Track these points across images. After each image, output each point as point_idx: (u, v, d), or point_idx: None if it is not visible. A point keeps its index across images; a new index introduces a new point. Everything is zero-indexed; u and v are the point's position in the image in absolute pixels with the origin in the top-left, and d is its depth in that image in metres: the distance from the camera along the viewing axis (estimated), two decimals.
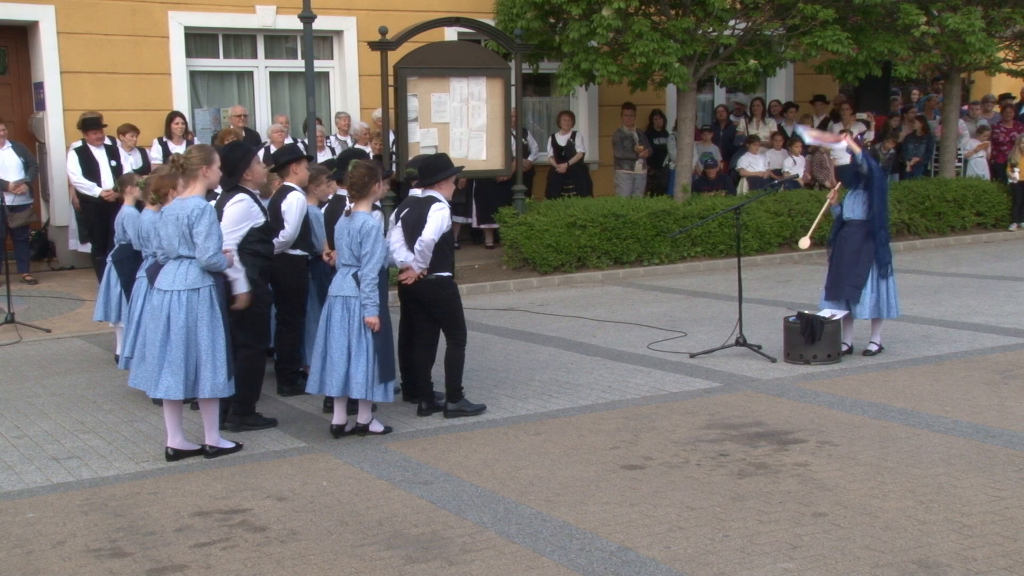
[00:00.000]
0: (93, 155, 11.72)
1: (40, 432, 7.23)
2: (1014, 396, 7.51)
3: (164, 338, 6.34)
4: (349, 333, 6.75)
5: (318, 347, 6.87)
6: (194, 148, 6.66)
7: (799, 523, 5.27)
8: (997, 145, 17.66)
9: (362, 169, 6.93)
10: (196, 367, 6.34)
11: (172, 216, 6.42)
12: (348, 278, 6.81)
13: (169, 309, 6.34)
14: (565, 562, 4.88)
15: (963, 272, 13.29)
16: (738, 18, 14.27)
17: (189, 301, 6.33)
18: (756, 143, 15.95)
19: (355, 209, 6.84)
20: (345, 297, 6.78)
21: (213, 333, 6.37)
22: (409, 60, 12.33)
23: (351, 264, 6.81)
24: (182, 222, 6.35)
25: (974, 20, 14.42)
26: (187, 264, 6.39)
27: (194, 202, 6.39)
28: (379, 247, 6.73)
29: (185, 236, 6.36)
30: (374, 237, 6.70)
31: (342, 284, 6.83)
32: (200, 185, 6.47)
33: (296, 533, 5.32)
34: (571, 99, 16.46)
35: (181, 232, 6.36)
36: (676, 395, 7.83)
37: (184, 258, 6.40)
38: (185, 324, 6.31)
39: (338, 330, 6.76)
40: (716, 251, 14.29)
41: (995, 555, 4.82)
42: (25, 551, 5.17)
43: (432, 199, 7.22)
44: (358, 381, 6.71)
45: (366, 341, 6.73)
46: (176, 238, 6.38)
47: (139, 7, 13.57)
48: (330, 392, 6.80)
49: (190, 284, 6.35)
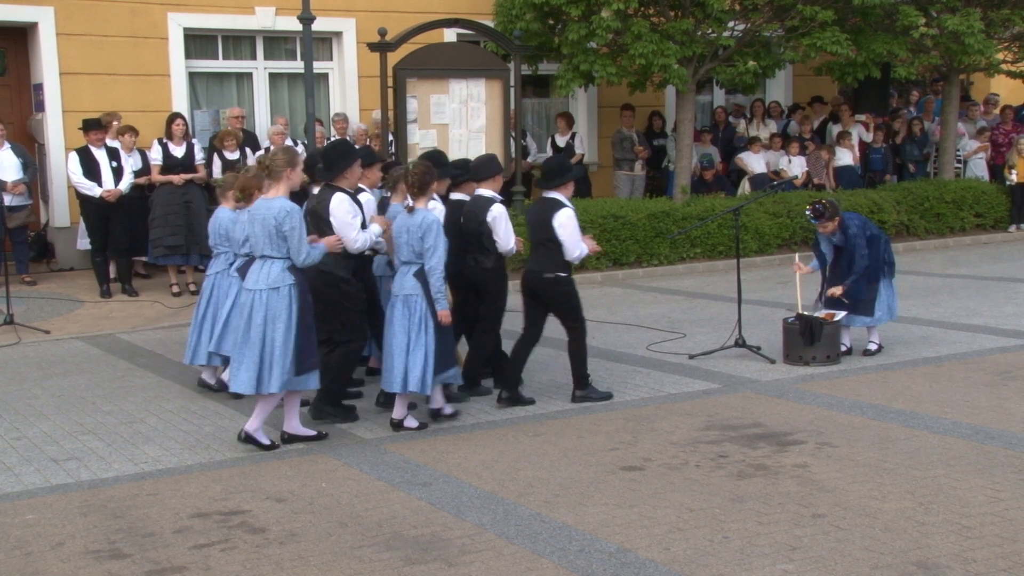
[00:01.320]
0: (94, 156, 11.72)
1: (39, 433, 7.22)
2: (1013, 397, 7.51)
3: (245, 335, 6.55)
4: (409, 330, 6.93)
5: (385, 343, 7.07)
6: (279, 150, 6.88)
7: (798, 524, 5.27)
8: (996, 147, 17.67)
9: (420, 167, 7.11)
10: (270, 363, 6.51)
11: (259, 217, 6.58)
12: (408, 276, 6.97)
13: (251, 307, 6.55)
14: (564, 563, 4.88)
15: (962, 273, 13.30)
16: (737, 19, 14.28)
17: (268, 300, 6.52)
18: (757, 144, 15.95)
19: (415, 205, 6.99)
20: (407, 295, 6.95)
21: (288, 331, 6.52)
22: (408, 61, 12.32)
23: (411, 261, 6.97)
24: (268, 223, 6.51)
25: (973, 22, 14.43)
26: (270, 263, 6.57)
27: (279, 203, 6.55)
28: (441, 241, 6.91)
29: (271, 236, 6.53)
30: (436, 231, 6.88)
31: (403, 283, 7.00)
32: (284, 186, 6.65)
33: (295, 534, 5.32)
34: (570, 100, 16.46)
35: (267, 232, 6.52)
36: (675, 396, 7.83)
37: (268, 258, 6.58)
38: (263, 321, 6.50)
39: (398, 327, 6.94)
40: (715, 252, 14.29)
41: (994, 556, 4.82)
42: (24, 552, 5.17)
43: (557, 203, 7.49)
44: (415, 375, 6.89)
45: (425, 336, 6.91)
46: (263, 238, 6.55)
47: (138, 8, 13.57)
48: (389, 388, 6.99)
49: (271, 283, 6.54)
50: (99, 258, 12.03)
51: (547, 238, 7.49)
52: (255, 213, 6.62)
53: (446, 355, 7.02)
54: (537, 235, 7.59)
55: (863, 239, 8.62)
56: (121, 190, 11.73)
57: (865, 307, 8.73)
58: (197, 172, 12.38)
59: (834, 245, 8.85)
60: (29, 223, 12.72)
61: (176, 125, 12.45)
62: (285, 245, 6.51)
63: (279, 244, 6.51)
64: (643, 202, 14.35)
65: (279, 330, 6.50)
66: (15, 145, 12.37)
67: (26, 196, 12.29)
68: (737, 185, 16.08)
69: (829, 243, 8.87)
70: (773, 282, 12.89)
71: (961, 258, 14.75)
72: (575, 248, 7.49)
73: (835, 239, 8.78)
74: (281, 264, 6.55)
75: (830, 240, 8.84)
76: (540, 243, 7.57)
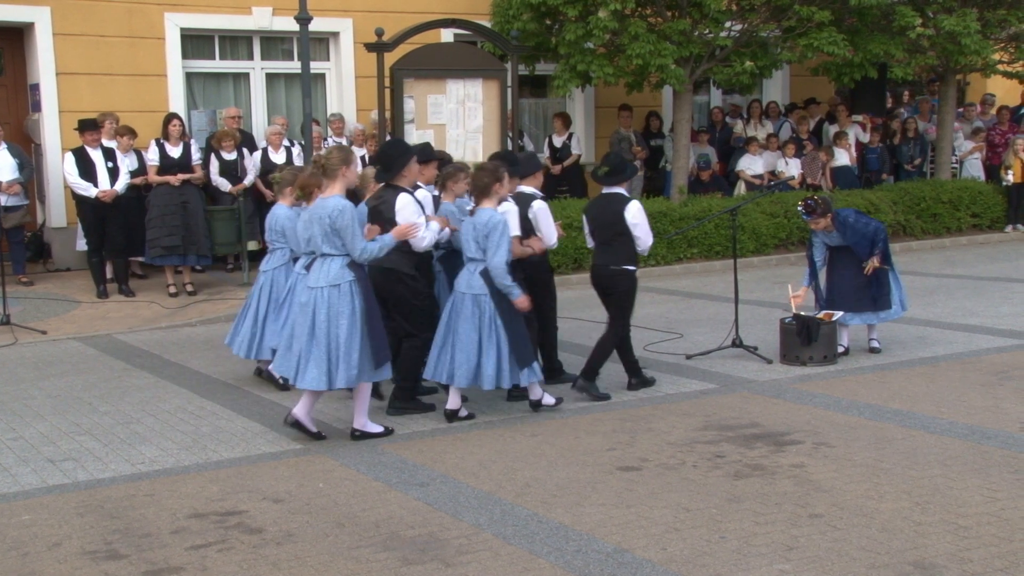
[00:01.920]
0: (90, 156, 11.71)
1: (36, 434, 7.22)
2: (1009, 397, 7.52)
3: (310, 332, 6.64)
4: (480, 328, 7.07)
5: (439, 336, 7.21)
6: (334, 148, 6.98)
7: (795, 524, 5.27)
8: (992, 147, 17.69)
9: (483, 173, 7.24)
10: (336, 360, 6.61)
11: (316, 216, 6.70)
12: (476, 275, 7.11)
13: (315, 305, 6.65)
14: (561, 564, 4.88)
15: (959, 273, 13.31)
16: (734, 20, 14.29)
17: (330, 297, 6.62)
18: (755, 144, 15.96)
19: (479, 207, 7.15)
20: (475, 295, 7.09)
21: (352, 326, 6.62)
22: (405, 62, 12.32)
23: (478, 259, 7.11)
24: (324, 221, 6.62)
25: (969, 22, 14.45)
26: (330, 261, 6.68)
27: (334, 202, 6.65)
28: (505, 240, 7.06)
29: (327, 234, 6.63)
30: (500, 230, 7.05)
31: (470, 281, 7.13)
32: (339, 184, 6.75)
33: (292, 535, 5.32)
34: (567, 100, 16.46)
35: (324, 230, 6.64)
36: (672, 396, 7.83)
37: (327, 255, 6.69)
38: (327, 318, 6.60)
39: (468, 325, 7.09)
40: (712, 252, 14.30)
41: (991, 556, 4.83)
42: (20, 553, 5.17)
43: (624, 197, 7.87)
44: (488, 374, 7.04)
45: (496, 335, 7.06)
46: (320, 236, 6.67)
47: (135, 8, 13.56)
48: (460, 383, 7.14)
49: (332, 280, 6.64)
50: (95, 258, 12.02)
51: (618, 232, 7.74)
52: (313, 212, 6.78)
53: (523, 349, 7.14)
54: (605, 230, 7.81)
55: (863, 219, 8.70)
56: (117, 191, 11.71)
57: (883, 301, 8.72)
58: (194, 172, 12.37)
59: (828, 247, 8.85)
60: (25, 223, 12.71)
61: (173, 126, 12.44)
62: (341, 241, 6.63)
63: (335, 241, 6.64)
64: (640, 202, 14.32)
65: (343, 326, 6.61)
66: (11, 145, 12.37)
67: (22, 196, 12.28)
68: (734, 186, 16.09)
69: (823, 245, 8.87)
70: (770, 282, 12.89)
71: (958, 258, 14.76)
72: (649, 238, 7.81)
73: (830, 239, 8.77)
74: (340, 261, 6.66)
75: (823, 242, 8.84)
76: (609, 238, 7.80)
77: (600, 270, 7.88)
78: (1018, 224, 16.86)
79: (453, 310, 7.19)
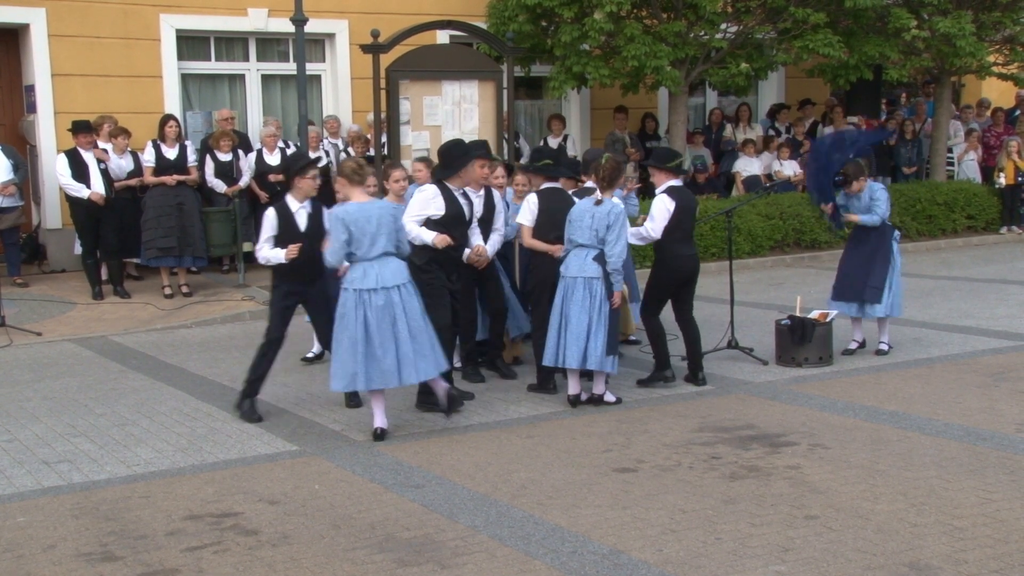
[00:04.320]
0: (82, 158, 11.69)
1: (31, 436, 7.20)
2: (1005, 399, 7.53)
3: (406, 328, 6.88)
4: (591, 310, 7.34)
5: (554, 322, 7.46)
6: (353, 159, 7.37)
7: (791, 526, 5.28)
8: (988, 149, 17.72)
9: (611, 163, 7.50)
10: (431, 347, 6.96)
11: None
12: (588, 260, 7.38)
13: (402, 302, 6.89)
14: (557, 565, 4.88)
15: (954, 275, 13.33)
16: (729, 22, 14.30)
17: (408, 291, 6.95)
18: (751, 146, 15.96)
19: (604, 197, 7.44)
20: (587, 278, 7.37)
21: (425, 317, 7.03)
22: (401, 63, 12.31)
23: (590, 245, 7.38)
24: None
25: (964, 24, 14.47)
26: (394, 260, 6.97)
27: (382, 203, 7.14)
28: (625, 230, 7.46)
29: (391, 235, 6.92)
30: (622, 221, 7.40)
31: (583, 266, 7.40)
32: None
33: (288, 537, 5.31)
34: (563, 102, 16.46)
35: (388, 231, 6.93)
36: (668, 398, 7.84)
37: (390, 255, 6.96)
38: (418, 311, 6.98)
39: (579, 308, 7.36)
40: (708, 254, 14.29)
41: (986, 557, 4.83)
42: (15, 555, 5.16)
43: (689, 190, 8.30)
44: (597, 354, 7.32)
45: (604, 317, 7.34)
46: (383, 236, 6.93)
47: (130, 10, 13.54)
48: (570, 364, 7.39)
49: (406, 278, 6.97)
50: (90, 260, 12.00)
51: (693, 224, 8.07)
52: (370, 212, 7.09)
53: (614, 337, 7.46)
54: (689, 221, 8.01)
55: (886, 205, 8.84)
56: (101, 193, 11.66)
57: (873, 293, 8.73)
58: (190, 174, 12.36)
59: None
60: (20, 225, 12.69)
61: (170, 127, 12.42)
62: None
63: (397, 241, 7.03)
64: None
65: (423, 318, 7.01)
66: (6, 146, 12.34)
67: (17, 198, 12.25)
68: (729, 188, 16.10)
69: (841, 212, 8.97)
70: (766, 284, 12.90)
71: (953, 260, 14.79)
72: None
73: (857, 203, 8.87)
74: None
75: (847, 205, 8.94)
76: (691, 229, 8.05)
77: (695, 261, 8.15)
78: (1013, 226, 16.89)
79: (565, 296, 7.43)
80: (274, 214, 7.43)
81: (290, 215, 7.44)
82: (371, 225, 6.81)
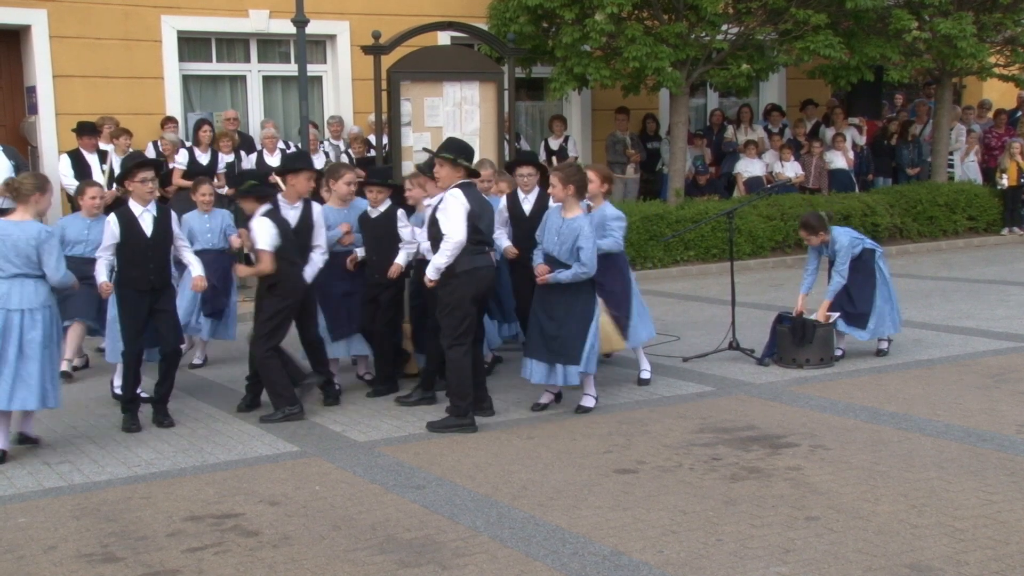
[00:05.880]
0: (85, 159, 11.70)
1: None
2: (1005, 400, 7.53)
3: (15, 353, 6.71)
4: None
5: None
6: (28, 175, 7.17)
7: (792, 527, 5.27)
8: (989, 150, 17.73)
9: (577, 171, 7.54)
10: None
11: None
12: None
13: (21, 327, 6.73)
14: (558, 566, 4.88)
15: (955, 276, 13.33)
16: (731, 23, 14.31)
17: (34, 318, 6.76)
18: (753, 147, 15.96)
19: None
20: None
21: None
22: (402, 64, 12.30)
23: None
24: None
25: (965, 25, 14.48)
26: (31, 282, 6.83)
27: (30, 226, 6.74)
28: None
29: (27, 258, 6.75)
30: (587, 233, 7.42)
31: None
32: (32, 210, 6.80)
33: (289, 538, 5.31)
34: (564, 103, 16.47)
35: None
36: (669, 399, 7.84)
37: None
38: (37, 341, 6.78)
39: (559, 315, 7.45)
40: (709, 255, 14.31)
41: (987, 559, 4.83)
42: (16, 556, 5.16)
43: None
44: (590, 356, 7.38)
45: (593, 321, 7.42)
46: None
47: (132, 11, 13.55)
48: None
49: (38, 303, 6.80)
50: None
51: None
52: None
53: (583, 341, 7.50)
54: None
55: (846, 257, 8.67)
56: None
57: (858, 320, 8.74)
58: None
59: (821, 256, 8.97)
60: None
61: (203, 131, 12.44)
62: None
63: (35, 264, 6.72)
64: (637, 205, 14.35)
65: None
66: (7, 147, 12.32)
67: None
68: (730, 189, 16.10)
69: (817, 254, 8.98)
70: (767, 285, 12.90)
71: (954, 261, 14.78)
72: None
73: (824, 251, 8.88)
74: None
75: (818, 252, 8.95)
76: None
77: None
78: (1014, 227, 16.89)
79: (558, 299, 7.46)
80: (115, 220, 7.23)
81: (134, 220, 7.25)
82: (4, 246, 6.63)
